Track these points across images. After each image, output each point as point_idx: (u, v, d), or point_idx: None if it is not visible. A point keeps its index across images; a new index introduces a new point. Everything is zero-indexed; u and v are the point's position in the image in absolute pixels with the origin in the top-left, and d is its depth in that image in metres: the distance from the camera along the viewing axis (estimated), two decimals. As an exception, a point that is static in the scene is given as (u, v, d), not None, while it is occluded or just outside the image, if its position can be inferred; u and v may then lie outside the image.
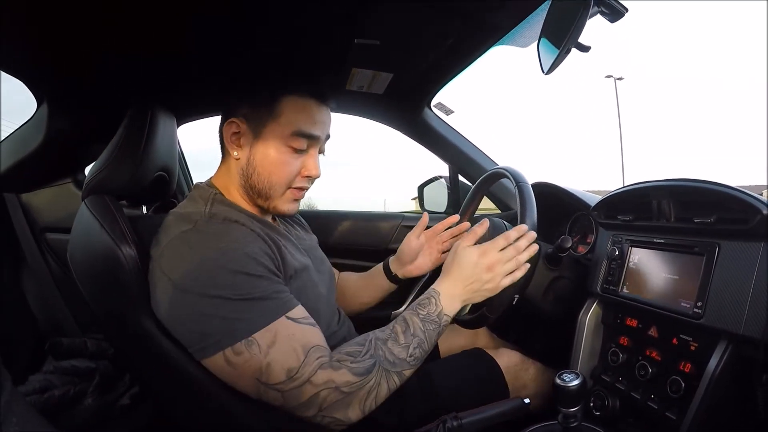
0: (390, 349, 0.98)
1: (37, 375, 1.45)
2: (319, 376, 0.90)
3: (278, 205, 1.13)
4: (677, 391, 1.02)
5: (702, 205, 1.08)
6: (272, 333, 0.90)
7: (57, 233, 1.77)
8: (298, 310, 0.97)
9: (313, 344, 0.93)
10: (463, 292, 1.09)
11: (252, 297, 0.91)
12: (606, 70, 60.81)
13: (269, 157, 1.09)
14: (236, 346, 0.88)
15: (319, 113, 1.12)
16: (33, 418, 0.42)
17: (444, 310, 1.06)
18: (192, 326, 0.91)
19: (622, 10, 1.01)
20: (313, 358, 0.91)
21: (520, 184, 1.25)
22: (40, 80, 1.30)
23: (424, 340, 1.02)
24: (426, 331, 1.03)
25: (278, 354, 0.89)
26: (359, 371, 0.93)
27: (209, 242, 0.95)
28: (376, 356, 0.96)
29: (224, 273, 0.90)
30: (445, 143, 2.07)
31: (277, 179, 1.10)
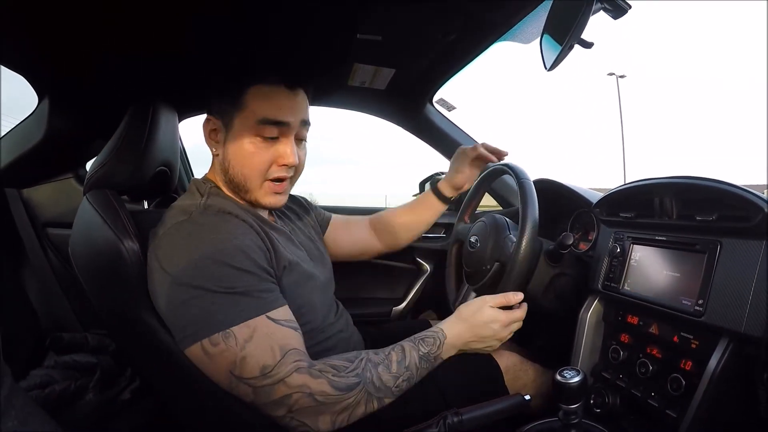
0: (379, 374, 0.97)
1: (38, 370, 1.46)
2: (294, 379, 0.89)
3: (259, 198, 1.12)
4: (678, 388, 1.02)
5: (704, 202, 1.08)
6: (251, 329, 0.90)
7: (58, 228, 1.77)
8: (281, 311, 0.96)
9: (292, 347, 0.93)
10: (470, 340, 1.14)
11: (235, 291, 0.91)
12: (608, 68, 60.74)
13: (240, 149, 1.08)
14: (213, 337, 0.88)
15: (288, 99, 1.10)
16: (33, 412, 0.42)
17: (442, 354, 1.10)
18: (178, 315, 0.92)
19: (626, 6, 1.01)
20: (290, 360, 0.90)
21: (522, 180, 1.25)
22: (41, 75, 1.30)
23: (414, 376, 1.03)
24: (419, 369, 1.04)
25: (254, 349, 0.89)
26: (340, 386, 0.92)
27: (202, 233, 0.96)
28: (362, 377, 0.95)
29: (211, 264, 0.91)
30: (446, 139, 2.07)
31: (249, 171, 1.09)
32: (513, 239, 1.27)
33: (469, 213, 1.61)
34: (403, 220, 1.62)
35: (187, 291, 0.90)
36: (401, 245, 1.67)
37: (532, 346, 1.70)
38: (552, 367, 1.00)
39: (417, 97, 1.92)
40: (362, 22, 1.21)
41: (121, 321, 1.04)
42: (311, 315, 1.14)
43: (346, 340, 1.27)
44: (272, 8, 1.07)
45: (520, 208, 1.20)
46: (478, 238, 1.37)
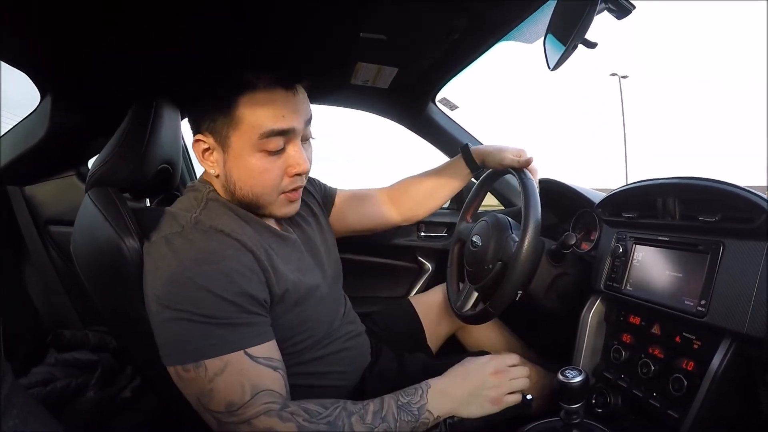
0: (352, 424, 0.88)
1: (39, 367, 1.46)
2: (261, 421, 0.83)
3: (274, 211, 1.07)
4: (680, 389, 1.02)
5: (707, 203, 1.08)
6: (223, 362, 0.84)
7: (60, 226, 1.77)
8: (263, 347, 0.90)
9: (265, 388, 0.86)
10: (459, 392, 1.01)
11: (212, 321, 0.86)
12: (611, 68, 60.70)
13: (246, 169, 1.00)
14: (186, 365, 0.85)
15: (287, 102, 0.99)
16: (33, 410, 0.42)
17: (428, 405, 0.96)
18: (157, 333, 0.89)
19: (630, 7, 1.01)
20: (260, 402, 0.84)
21: (525, 180, 1.25)
22: (43, 72, 1.30)
23: (393, 429, 0.91)
24: (398, 421, 0.92)
25: (222, 385, 0.84)
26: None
27: (188, 250, 0.91)
28: (334, 425, 0.87)
29: (190, 287, 0.86)
30: (449, 139, 2.07)
31: (261, 189, 1.02)
32: (515, 239, 1.27)
33: (472, 212, 1.60)
34: (425, 187, 1.54)
35: (165, 311, 0.87)
36: (420, 216, 1.57)
37: (533, 346, 1.70)
38: (554, 368, 1.00)
39: (420, 96, 1.91)
40: (366, 20, 1.21)
41: (122, 319, 1.04)
42: (315, 329, 1.12)
43: (353, 339, 1.26)
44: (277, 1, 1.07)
45: (522, 207, 1.20)
46: (480, 238, 1.37)
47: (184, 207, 1.04)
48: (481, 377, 1.02)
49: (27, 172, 1.69)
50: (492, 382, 1.02)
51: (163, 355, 0.88)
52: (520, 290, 1.18)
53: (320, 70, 1.54)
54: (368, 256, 2.08)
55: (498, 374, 1.03)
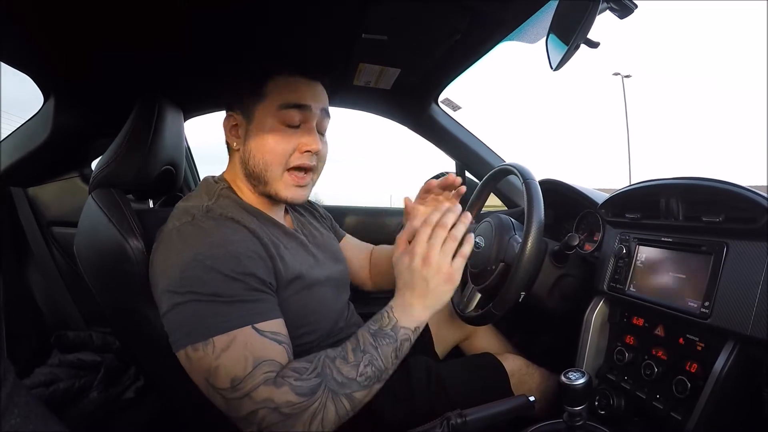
0: (338, 368, 0.89)
1: (42, 368, 1.46)
2: (259, 393, 0.83)
3: (279, 191, 1.09)
4: (683, 391, 1.01)
5: (710, 204, 1.07)
6: (230, 338, 0.86)
7: (63, 227, 1.77)
8: (271, 323, 0.92)
9: (267, 358, 0.87)
10: (414, 299, 0.98)
11: (220, 299, 0.88)
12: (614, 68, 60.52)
13: (262, 137, 1.07)
14: (195, 345, 0.86)
15: (308, 87, 1.10)
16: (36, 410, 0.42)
17: (400, 322, 0.96)
18: (168, 318, 0.90)
19: (632, 6, 1.00)
20: (260, 372, 0.85)
21: (528, 181, 1.24)
22: (46, 74, 1.31)
23: (377, 357, 0.92)
24: (379, 347, 0.93)
25: (228, 360, 0.85)
26: (302, 391, 0.84)
27: (199, 236, 0.94)
28: (322, 375, 0.88)
29: (200, 269, 0.89)
30: (451, 139, 2.07)
31: (271, 158, 1.07)
32: (518, 240, 1.26)
33: (475, 213, 1.60)
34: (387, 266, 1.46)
35: (175, 296, 0.89)
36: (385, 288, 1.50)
37: (536, 348, 1.70)
38: (558, 371, 0.99)
39: (422, 96, 1.91)
40: (368, 21, 1.21)
41: (126, 320, 1.04)
42: (320, 322, 1.13)
43: None
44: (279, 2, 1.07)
45: (525, 208, 1.20)
46: (484, 239, 1.36)
47: (195, 200, 1.07)
48: (419, 275, 0.97)
49: (30, 174, 1.70)
50: (430, 271, 0.97)
51: (174, 341, 0.89)
52: (523, 291, 1.18)
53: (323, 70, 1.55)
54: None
55: (426, 261, 0.97)
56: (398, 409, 1.12)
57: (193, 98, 1.70)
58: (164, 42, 1.17)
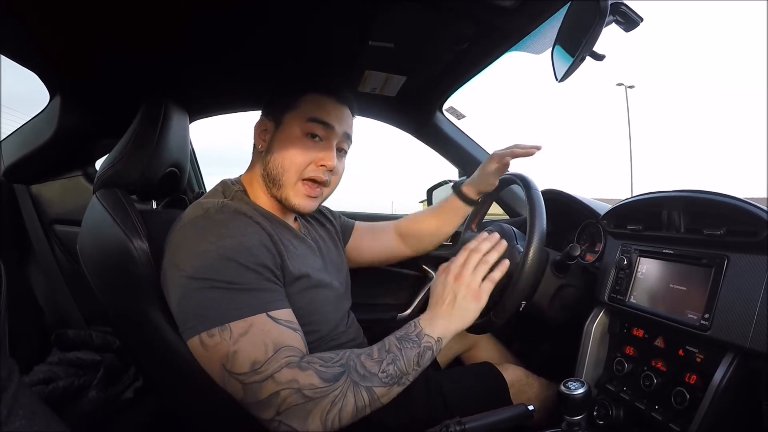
0: (362, 361, 0.95)
1: (41, 366, 1.46)
2: (283, 374, 0.86)
3: (290, 197, 1.14)
4: (682, 402, 1.02)
5: (712, 216, 1.08)
6: (247, 324, 0.89)
7: (66, 225, 1.77)
8: (283, 312, 0.96)
9: (286, 344, 0.91)
10: (442, 311, 1.06)
11: (237, 287, 0.91)
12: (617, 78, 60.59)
13: (285, 144, 1.14)
14: (211, 330, 0.88)
15: (335, 108, 1.18)
16: (39, 410, 0.42)
17: (425, 330, 1.02)
18: (183, 307, 0.92)
19: (638, 19, 1.01)
20: (282, 356, 0.88)
21: (531, 190, 1.25)
22: (52, 73, 1.31)
23: (399, 357, 0.97)
24: (402, 349, 0.98)
25: (247, 345, 0.87)
26: (326, 376, 0.89)
27: (213, 228, 0.97)
28: (346, 366, 0.93)
29: (215, 258, 0.92)
30: (455, 147, 2.07)
31: (289, 164, 1.13)
32: (520, 249, 1.27)
33: (477, 222, 1.61)
34: (429, 226, 1.63)
35: (191, 283, 0.91)
36: (428, 250, 1.69)
37: (536, 357, 1.70)
38: (557, 380, 0.99)
39: (427, 104, 1.92)
40: (375, 29, 1.22)
41: (128, 320, 1.04)
42: (321, 324, 1.14)
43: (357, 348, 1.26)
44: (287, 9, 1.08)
45: (528, 218, 1.20)
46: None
47: (212, 197, 1.13)
48: (449, 290, 1.08)
49: (34, 171, 1.70)
50: (461, 287, 1.08)
51: (187, 328, 0.91)
52: (524, 300, 1.18)
53: (329, 77, 1.55)
54: (372, 264, 2.08)
55: (458, 278, 1.09)
56: (397, 417, 1.12)
57: (199, 100, 1.71)
58: (168, 44, 1.18)
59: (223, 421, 0.99)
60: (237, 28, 1.15)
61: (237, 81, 1.57)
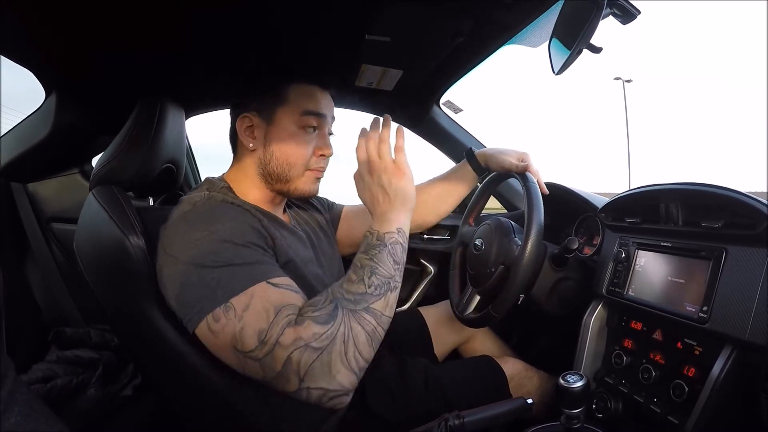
0: (346, 289, 0.92)
1: (40, 364, 1.46)
2: (286, 336, 0.83)
3: (299, 186, 1.17)
4: (680, 395, 1.02)
5: (710, 209, 1.08)
6: (249, 296, 0.87)
7: (63, 223, 1.77)
8: (282, 279, 0.93)
9: (286, 303, 0.88)
10: (383, 207, 1.04)
11: (233, 263, 0.90)
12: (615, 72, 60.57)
13: (284, 140, 1.13)
14: (216, 312, 0.86)
15: (322, 96, 1.19)
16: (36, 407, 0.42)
17: (381, 230, 1.00)
18: (183, 296, 0.90)
19: (635, 12, 1.01)
20: (282, 316, 0.85)
21: (528, 184, 1.25)
22: (48, 71, 1.31)
23: (376, 265, 0.95)
24: (372, 257, 0.96)
25: (250, 317, 0.85)
26: (322, 319, 0.85)
27: (203, 217, 0.98)
28: (336, 299, 0.90)
29: (210, 242, 0.92)
30: (453, 141, 2.07)
31: (294, 160, 1.14)
32: (518, 243, 1.27)
33: (474, 216, 1.61)
34: (436, 192, 1.57)
35: (189, 270, 0.90)
36: (430, 222, 1.61)
37: (535, 351, 1.70)
38: (556, 374, 0.99)
39: (424, 98, 1.91)
40: (371, 23, 1.21)
41: (125, 317, 1.04)
42: None
43: None
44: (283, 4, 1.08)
45: (525, 211, 1.20)
46: (483, 241, 1.37)
47: (197, 192, 1.11)
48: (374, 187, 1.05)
49: (31, 169, 1.69)
50: (381, 178, 1.04)
51: (191, 317, 0.89)
52: (522, 294, 1.18)
53: (325, 70, 1.55)
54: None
55: (372, 172, 1.05)
56: (396, 411, 1.12)
57: (195, 97, 1.70)
58: (166, 42, 1.17)
59: (222, 418, 0.99)
60: (234, 24, 1.15)
61: (233, 76, 1.57)
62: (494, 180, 1.51)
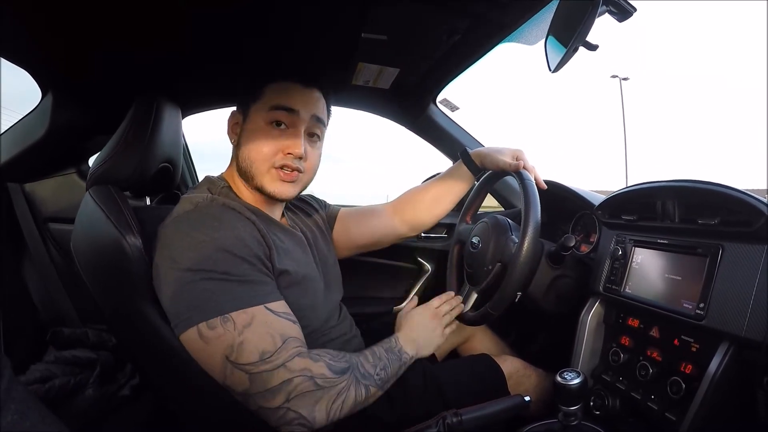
0: (362, 362, 1.04)
1: (38, 364, 1.45)
2: (296, 363, 0.91)
3: (264, 184, 1.13)
4: (678, 392, 1.02)
5: (706, 206, 1.08)
6: (249, 315, 0.91)
7: (60, 223, 1.77)
8: (279, 304, 0.98)
9: (292, 335, 0.95)
10: (417, 336, 1.22)
11: (232, 278, 0.92)
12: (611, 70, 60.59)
13: (252, 133, 1.14)
14: (211, 321, 0.89)
15: (300, 93, 1.16)
16: (32, 406, 0.42)
17: (404, 348, 1.16)
18: (178, 300, 0.92)
19: (631, 9, 1.01)
20: (291, 346, 0.93)
21: (525, 181, 1.25)
22: (45, 71, 1.30)
23: (388, 365, 1.09)
24: (389, 359, 1.10)
25: (253, 335, 0.90)
26: (336, 369, 0.96)
27: (204, 221, 0.98)
28: (351, 362, 1.01)
29: (211, 249, 0.93)
30: (449, 140, 2.07)
31: (255, 155, 1.12)
32: (515, 240, 1.27)
33: (471, 213, 1.61)
34: (433, 193, 1.57)
35: (186, 275, 0.91)
36: (427, 224, 1.60)
37: (532, 348, 1.70)
38: (553, 371, 1.00)
39: (421, 97, 1.91)
40: (367, 21, 1.21)
41: (123, 317, 1.04)
42: (311, 318, 1.15)
43: (347, 342, 1.27)
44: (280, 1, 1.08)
45: (522, 209, 1.20)
46: (480, 239, 1.37)
47: (198, 193, 1.12)
48: (426, 324, 1.27)
49: (27, 169, 1.69)
50: (434, 324, 1.28)
51: (182, 321, 0.91)
52: (519, 292, 1.18)
53: (322, 69, 1.55)
54: (368, 257, 2.07)
55: (434, 317, 1.30)
56: (394, 410, 1.12)
57: (191, 96, 1.70)
58: (163, 41, 1.17)
59: (220, 418, 0.99)
60: (232, 23, 1.14)
61: (230, 75, 1.56)
62: (491, 178, 1.51)
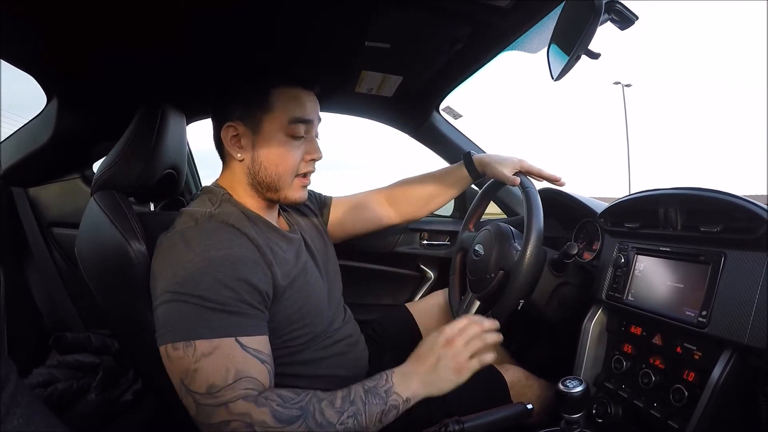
0: (322, 408, 0.91)
1: (40, 369, 1.46)
2: (238, 405, 0.85)
3: (288, 195, 1.15)
4: (680, 399, 1.02)
5: (709, 214, 1.08)
6: (213, 346, 0.88)
7: (64, 228, 1.77)
8: (254, 339, 0.93)
9: (249, 375, 0.89)
10: (420, 370, 1.03)
11: (209, 305, 0.90)
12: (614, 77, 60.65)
13: (273, 150, 1.12)
14: (177, 344, 0.88)
15: (308, 98, 1.16)
16: (38, 410, 0.42)
17: (395, 387, 0.99)
18: (158, 313, 0.92)
19: (633, 17, 1.01)
20: (241, 387, 0.87)
21: (527, 189, 1.25)
22: (50, 76, 1.31)
23: (362, 412, 0.93)
24: (366, 404, 0.94)
25: (208, 366, 0.87)
26: (281, 417, 0.86)
27: (200, 238, 0.97)
28: (305, 410, 0.89)
29: (196, 269, 0.91)
30: (452, 147, 2.07)
31: (284, 169, 1.13)
32: (517, 248, 1.27)
33: (474, 221, 1.61)
34: (429, 190, 1.57)
35: (167, 293, 0.91)
36: (420, 217, 1.61)
37: (534, 356, 1.70)
38: (556, 379, 0.99)
39: (424, 104, 1.92)
40: (371, 29, 1.22)
41: (126, 322, 1.04)
42: (314, 323, 1.14)
43: (353, 345, 1.27)
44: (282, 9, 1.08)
45: (525, 217, 1.21)
46: (483, 247, 1.37)
47: (199, 206, 1.09)
48: (436, 352, 1.04)
49: (32, 174, 1.70)
50: (447, 353, 1.03)
51: (158, 336, 0.91)
52: (522, 299, 1.18)
53: (325, 77, 1.55)
54: (371, 264, 2.08)
55: (449, 343, 1.04)
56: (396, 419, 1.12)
57: (196, 102, 1.70)
58: (165, 43, 1.18)
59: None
60: (234, 29, 1.15)
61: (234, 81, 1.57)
62: (494, 186, 1.52)
